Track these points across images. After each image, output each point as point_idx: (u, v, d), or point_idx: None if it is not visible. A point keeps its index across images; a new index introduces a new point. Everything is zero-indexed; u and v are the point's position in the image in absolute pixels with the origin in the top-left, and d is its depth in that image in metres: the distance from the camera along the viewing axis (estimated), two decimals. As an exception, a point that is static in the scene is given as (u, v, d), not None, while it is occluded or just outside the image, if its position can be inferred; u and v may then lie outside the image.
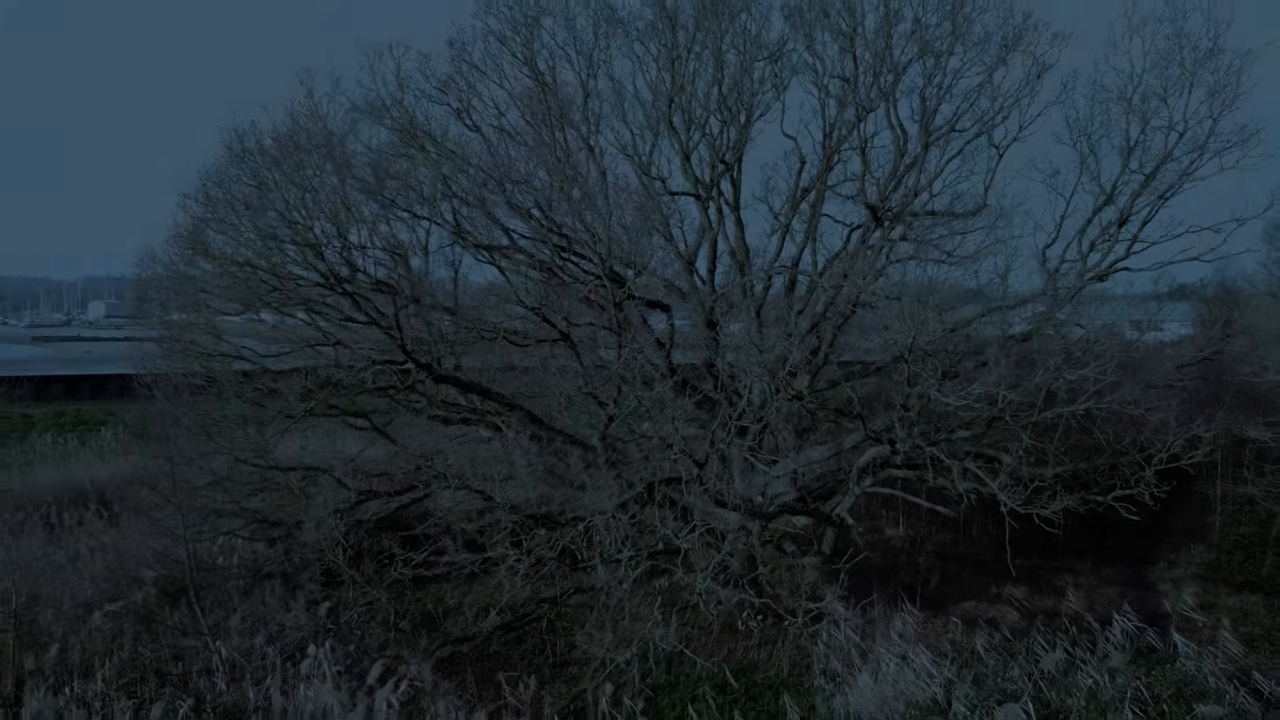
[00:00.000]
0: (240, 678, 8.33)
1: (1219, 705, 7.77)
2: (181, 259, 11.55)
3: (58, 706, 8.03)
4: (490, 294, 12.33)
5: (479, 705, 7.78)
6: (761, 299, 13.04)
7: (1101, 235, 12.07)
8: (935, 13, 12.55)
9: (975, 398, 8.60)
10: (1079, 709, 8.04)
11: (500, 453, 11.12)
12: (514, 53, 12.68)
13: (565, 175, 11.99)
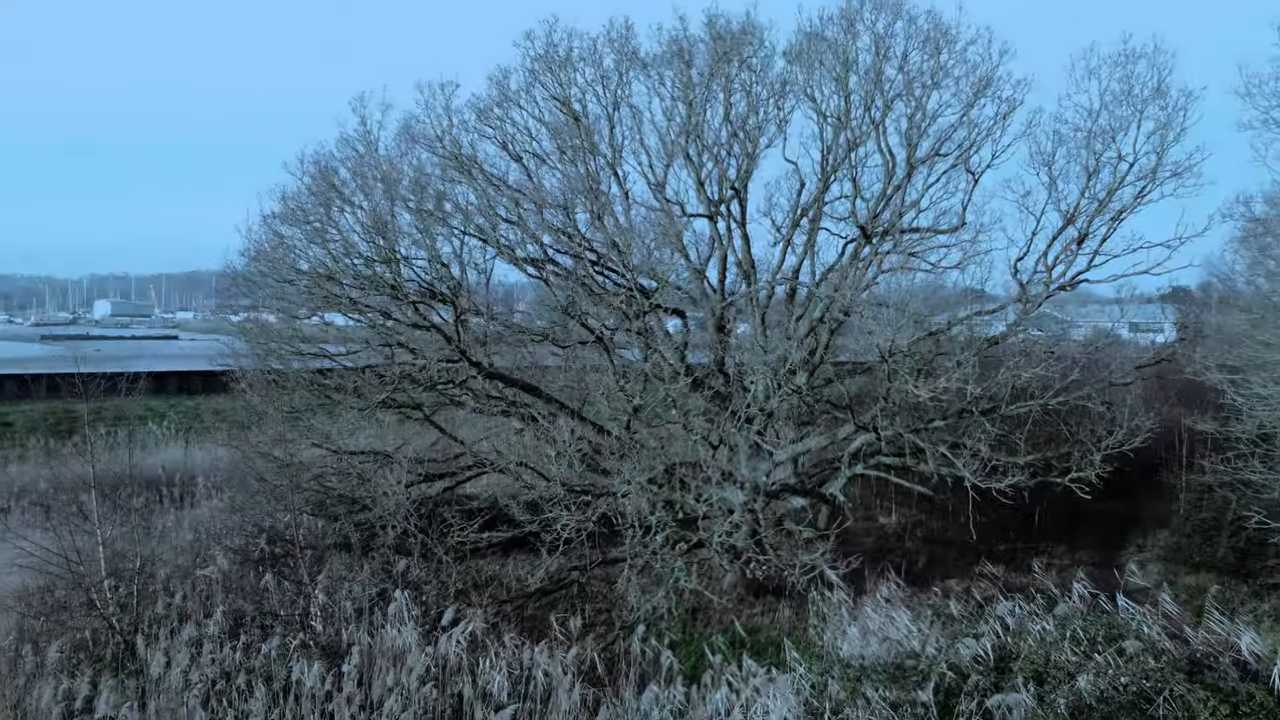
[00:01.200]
0: (333, 623, 10.11)
1: (1139, 641, 9.55)
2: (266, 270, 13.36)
3: (176, 646, 9.80)
4: (538, 303, 14.13)
5: (532, 644, 9.57)
6: (765, 305, 14.83)
7: (1064, 251, 13.88)
8: (918, 55, 14.39)
9: (942, 391, 10.38)
10: (1026, 647, 9.81)
11: (532, 440, 12.95)
12: (548, 89, 14.50)
13: (596, 199, 13.82)
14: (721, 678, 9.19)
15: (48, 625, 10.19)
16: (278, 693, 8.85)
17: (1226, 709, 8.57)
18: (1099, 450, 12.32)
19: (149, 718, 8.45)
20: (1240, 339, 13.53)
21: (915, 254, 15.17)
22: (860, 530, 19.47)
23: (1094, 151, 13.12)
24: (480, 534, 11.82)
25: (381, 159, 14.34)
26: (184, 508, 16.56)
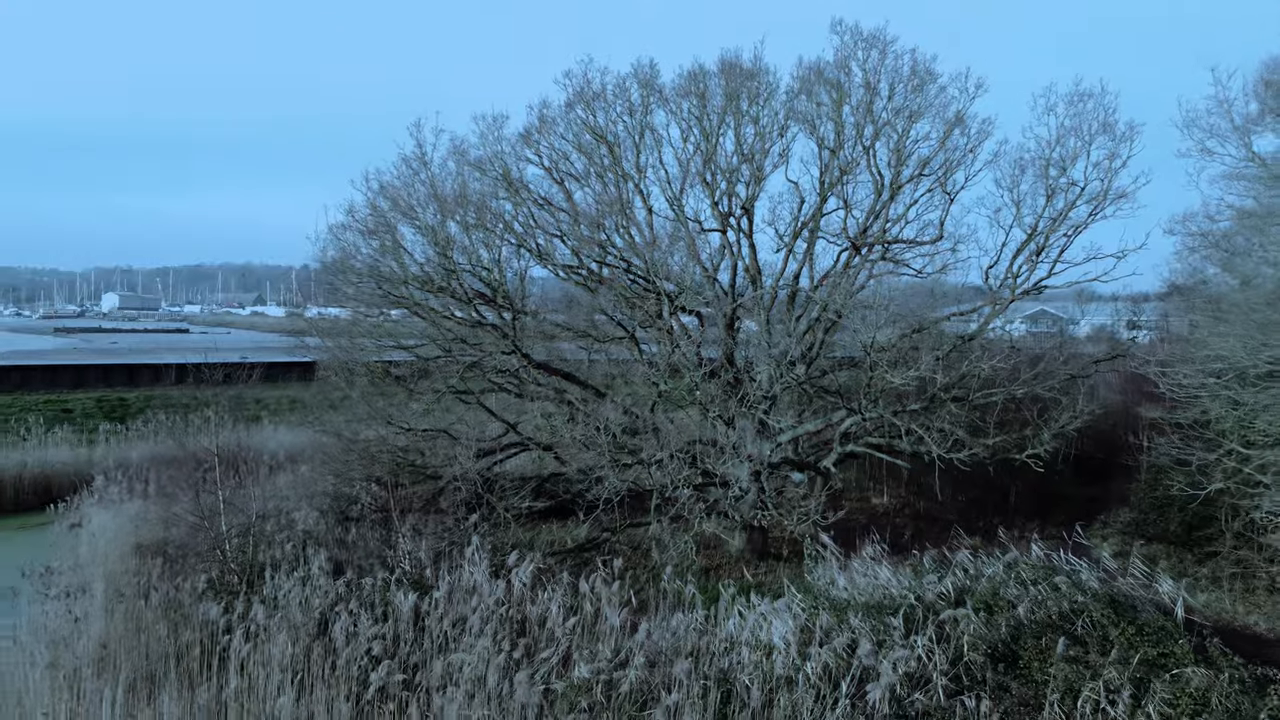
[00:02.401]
0: (417, 566, 12.52)
1: (1068, 579, 11.92)
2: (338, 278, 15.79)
3: (287, 586, 12.20)
4: (564, 302, 16.57)
5: (583, 578, 11.99)
6: (769, 306, 17.23)
7: (1027, 261, 16.28)
8: (903, 88, 16.76)
9: (914, 379, 12.79)
10: (980, 586, 12.18)
11: (563, 423, 15.35)
12: (582, 118, 16.89)
13: (624, 214, 16.24)
14: (734, 608, 11.60)
15: (184, 568, 12.59)
16: (378, 617, 11.26)
17: (1133, 629, 10.99)
18: (1049, 431, 14.72)
19: (273, 636, 10.84)
20: (1179, 337, 15.87)
21: (901, 261, 17.63)
22: (854, 510, 21.88)
23: (1051, 177, 15.55)
24: (533, 501, 14.27)
25: (435, 177, 16.79)
26: (260, 480, 18.98)
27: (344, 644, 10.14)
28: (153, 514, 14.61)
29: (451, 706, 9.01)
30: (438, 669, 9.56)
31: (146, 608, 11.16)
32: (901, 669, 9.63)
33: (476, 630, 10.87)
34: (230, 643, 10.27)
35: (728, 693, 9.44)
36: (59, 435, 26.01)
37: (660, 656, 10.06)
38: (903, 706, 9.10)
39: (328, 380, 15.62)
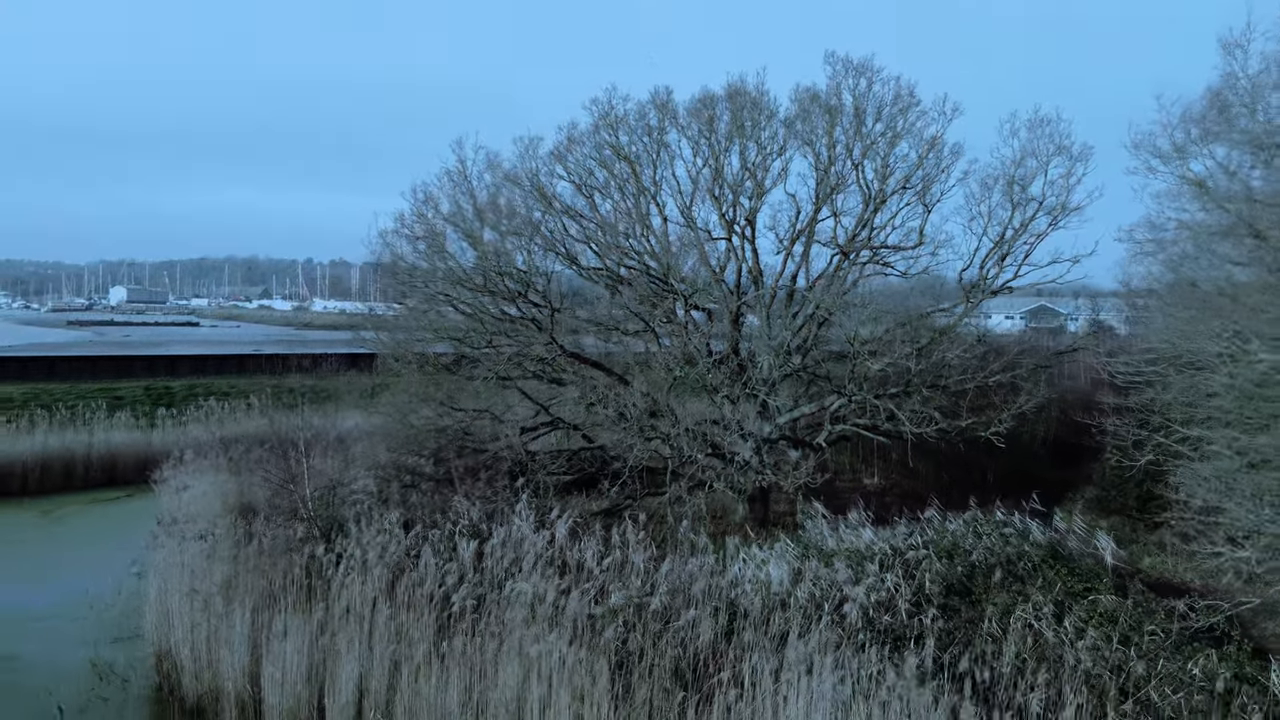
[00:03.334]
0: (474, 519, 15.06)
1: (1015, 530, 14.44)
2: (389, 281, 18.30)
3: (369, 535, 14.74)
4: (596, 301, 19.13)
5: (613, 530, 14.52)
6: (769, 304, 19.71)
7: (995, 265, 18.78)
8: (889, 111, 19.23)
9: (889, 365, 15.32)
10: (945, 539, 14.67)
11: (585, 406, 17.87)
12: (605, 138, 19.38)
13: (642, 222, 18.76)
14: (739, 556, 14.12)
15: (275, 523, 15.12)
16: (446, 559, 13.79)
17: (1065, 570, 13.52)
18: (1009, 413, 17.28)
19: (367, 570, 13.37)
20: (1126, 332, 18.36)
21: (887, 264, 20.17)
22: (846, 488, 24.44)
23: (1015, 193, 18.05)
24: (565, 473, 16.84)
25: (474, 189, 19.32)
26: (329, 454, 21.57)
27: (425, 576, 12.69)
28: (241, 482, 17.19)
29: (516, 618, 11.55)
30: (505, 591, 12.11)
31: (257, 550, 13.71)
32: (873, 596, 12.16)
33: (528, 569, 13.41)
34: (332, 575, 12.84)
35: (733, 612, 11.98)
36: (119, 420, 28.60)
37: (679, 587, 12.60)
38: (872, 621, 11.63)
39: (387, 368, 18.17)
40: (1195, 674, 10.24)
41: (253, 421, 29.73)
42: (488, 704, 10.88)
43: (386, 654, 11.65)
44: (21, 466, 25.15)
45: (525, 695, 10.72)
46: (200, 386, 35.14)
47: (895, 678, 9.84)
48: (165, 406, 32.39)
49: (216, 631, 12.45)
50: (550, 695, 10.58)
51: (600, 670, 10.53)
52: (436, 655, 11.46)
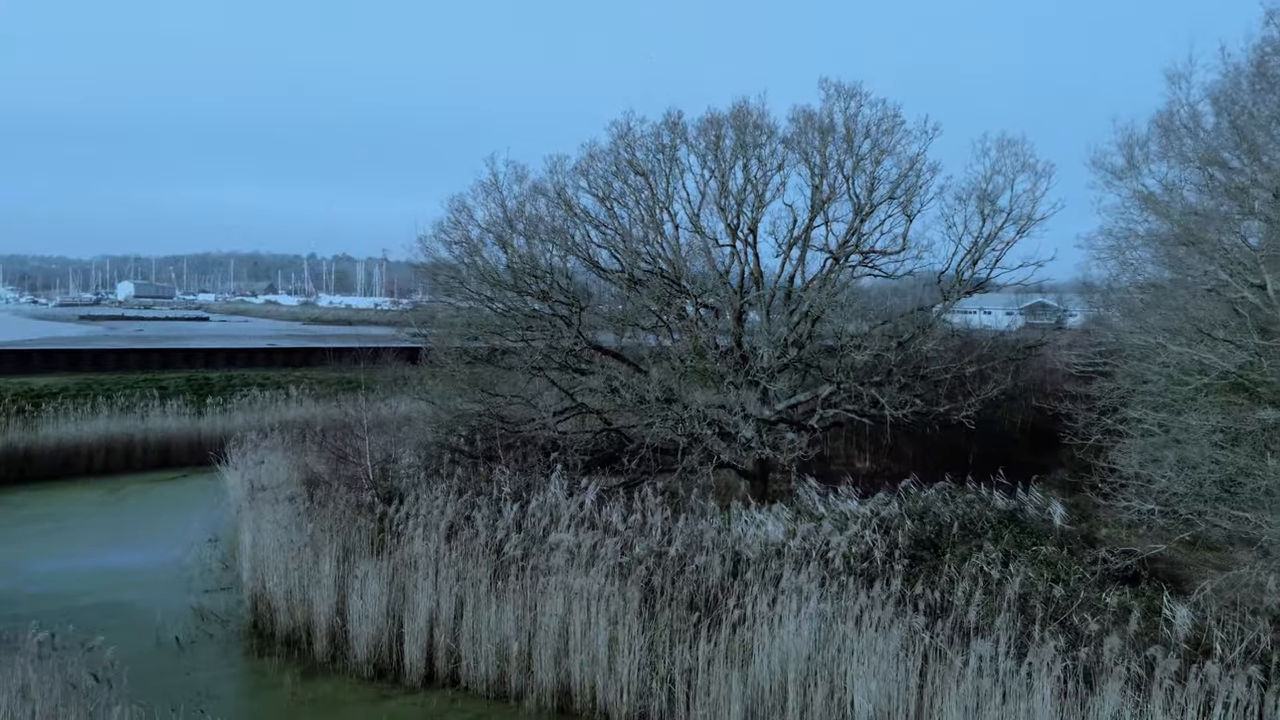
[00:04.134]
0: (515, 488, 17.66)
1: (976, 497, 17.03)
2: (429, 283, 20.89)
3: (425, 500, 17.33)
4: (611, 299, 21.73)
5: (634, 498, 17.10)
6: (769, 302, 22.27)
7: (969, 268, 21.35)
8: (875, 129, 21.79)
9: (870, 355, 17.91)
10: (919, 505, 17.25)
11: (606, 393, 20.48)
12: (623, 154, 21.94)
13: (657, 230, 21.35)
14: (741, 517, 16.71)
15: (340, 491, 17.72)
16: (494, 519, 16.36)
17: (1017, 529, 16.12)
18: (976, 399, 19.90)
19: (430, 525, 15.94)
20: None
21: (875, 266, 22.76)
22: (839, 470, 27.02)
23: (984, 205, 20.64)
24: (589, 453, 19.45)
25: (505, 198, 21.91)
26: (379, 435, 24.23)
27: (479, 530, 15.30)
28: (306, 458, 19.80)
29: (558, 563, 14.16)
30: (547, 541, 14.72)
31: (333, 512, 16.32)
32: (854, 548, 14.76)
33: (563, 526, 16.01)
34: (401, 530, 15.45)
35: (737, 559, 14.58)
36: (170, 408, 31.21)
37: (692, 540, 15.19)
38: (851, 565, 14.22)
39: (432, 359, 20.79)
40: (1108, 602, 12.84)
41: (291, 410, 32.38)
42: (538, 628, 13.49)
43: (451, 592, 14.25)
44: (88, 449, 27.76)
45: (569, 620, 13.33)
46: (236, 377, 37.73)
47: (866, 599, 12.44)
48: (206, 396, 35.00)
49: (307, 576, 15.07)
50: (590, 619, 13.19)
51: (631, 598, 13.14)
52: (493, 592, 14.07)
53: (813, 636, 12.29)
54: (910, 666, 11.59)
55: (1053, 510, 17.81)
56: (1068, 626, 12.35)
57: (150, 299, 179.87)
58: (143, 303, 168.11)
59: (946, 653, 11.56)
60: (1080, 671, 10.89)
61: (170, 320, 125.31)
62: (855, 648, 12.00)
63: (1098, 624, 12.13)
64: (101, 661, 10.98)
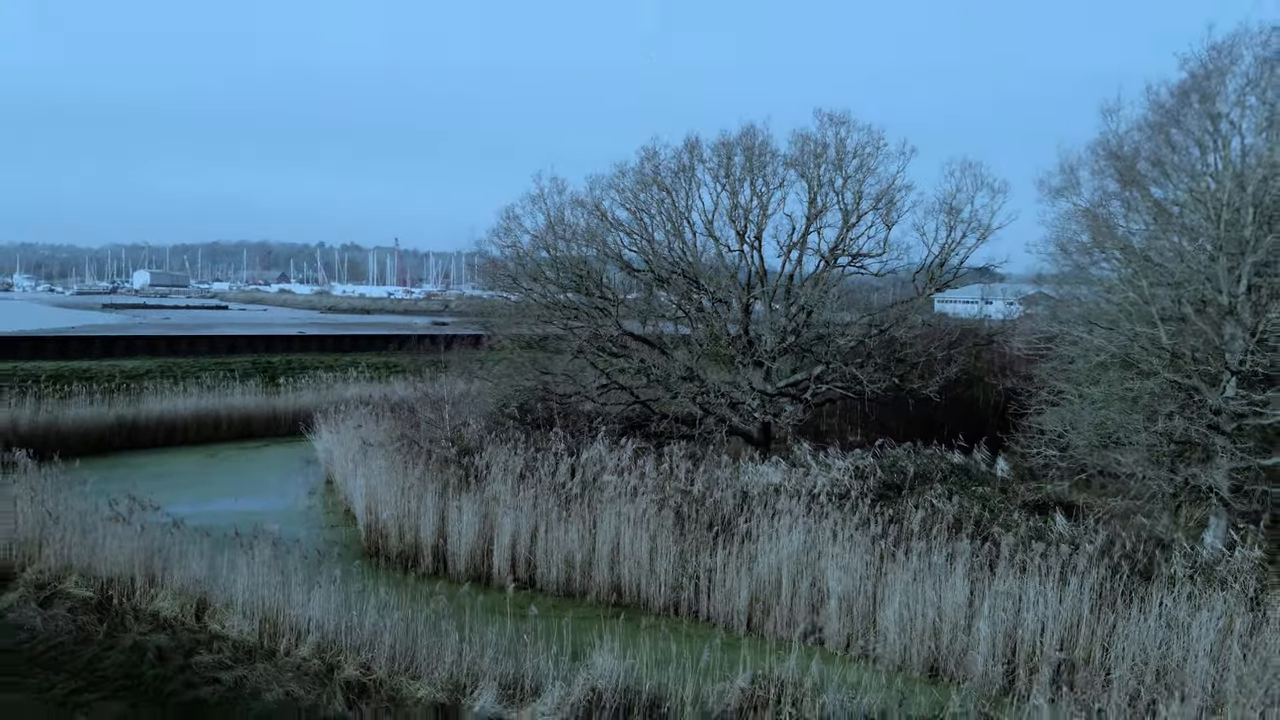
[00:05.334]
0: (568, 445, 22.43)
1: (937, 454, 21.76)
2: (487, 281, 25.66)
3: (499, 454, 22.11)
4: (646, 295, 26.52)
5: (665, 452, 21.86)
6: (771, 296, 26.99)
7: (939, 269, 26.03)
8: (860, 155, 26.45)
9: (856, 341, 22.65)
10: (889, 459, 21.97)
11: (635, 372, 25.29)
12: (648, 172, 26.63)
13: (679, 237, 26.06)
14: (748, 469, 21.45)
15: (423, 451, 22.49)
16: (566, 468, 21.12)
17: (964, 476, 20.85)
18: (939, 379, 24.65)
19: (505, 467, 20.67)
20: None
21: (862, 266, 27.48)
22: (830, 441, 31.77)
23: (950, 217, 25.33)
24: (623, 421, 24.21)
25: (549, 207, 26.66)
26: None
27: (544, 475, 20.09)
28: (394, 424, 24.63)
29: (608, 496, 18.93)
30: (598, 482, 19.50)
31: (428, 461, 21.12)
32: (836, 489, 19.50)
33: (610, 471, 20.77)
34: (483, 475, 20.26)
35: (745, 494, 19.33)
36: (246, 387, 36.06)
37: (711, 483, 19.94)
38: (831, 499, 18.96)
39: (494, 344, 25.58)
40: (1016, 520, 17.59)
41: (349, 389, 37.16)
42: (595, 542, 18.29)
43: (527, 519, 19.05)
44: (183, 421, 32.59)
45: (619, 537, 18.12)
46: (294, 361, 42.58)
47: (840, 519, 17.21)
48: (276, 377, 39.86)
49: (414, 509, 19.88)
50: (635, 536, 17.97)
51: (666, 520, 17.92)
52: (560, 519, 18.86)
53: (800, 545, 17.04)
54: (869, 561, 16.34)
55: (998, 465, 22.55)
56: (986, 537, 17.09)
57: (166, 288, 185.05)
58: (159, 291, 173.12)
59: (895, 553, 16.31)
60: (986, 562, 15.64)
61: (191, 309, 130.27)
62: (831, 551, 16.75)
63: (1003, 532, 16.87)
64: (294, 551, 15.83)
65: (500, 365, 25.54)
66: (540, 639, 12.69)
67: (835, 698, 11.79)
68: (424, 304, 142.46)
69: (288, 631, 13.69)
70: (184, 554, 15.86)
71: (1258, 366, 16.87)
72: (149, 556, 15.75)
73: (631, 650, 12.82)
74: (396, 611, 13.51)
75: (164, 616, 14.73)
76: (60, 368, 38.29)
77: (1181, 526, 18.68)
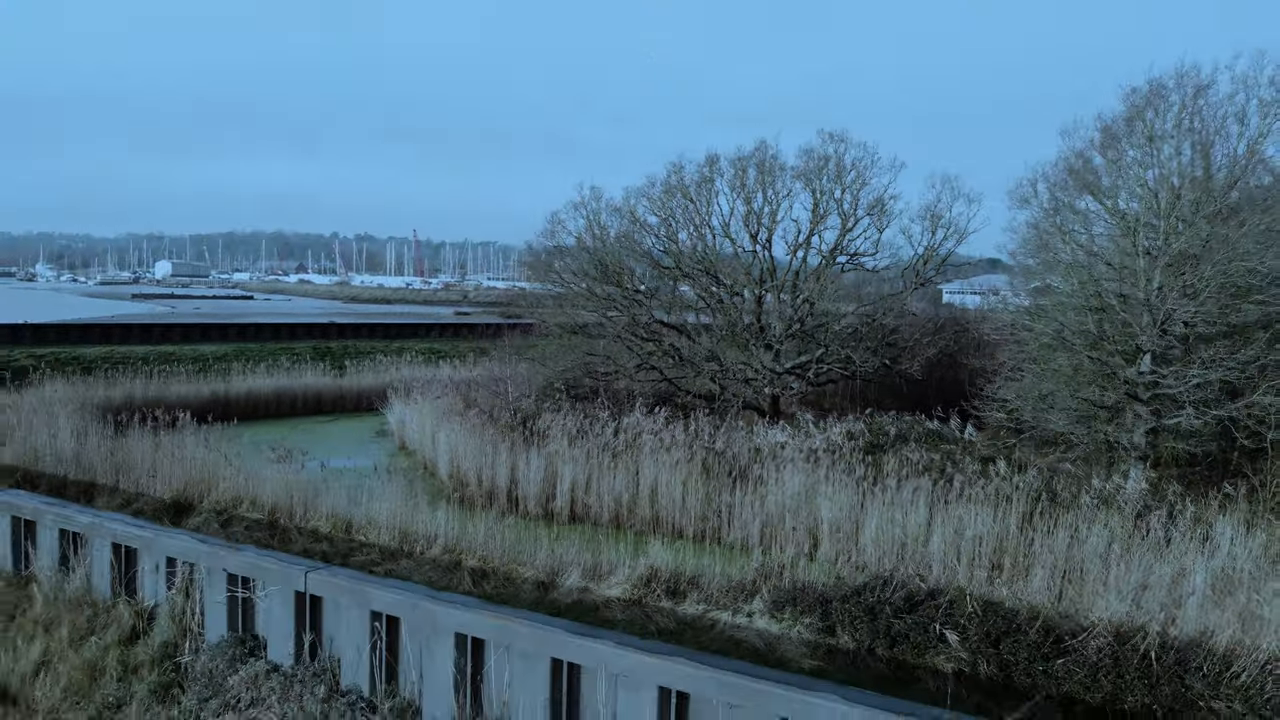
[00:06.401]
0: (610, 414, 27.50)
1: (914, 420, 26.69)
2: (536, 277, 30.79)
3: (555, 420, 27.18)
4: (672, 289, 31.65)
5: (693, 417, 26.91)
6: (780, 290, 31.99)
7: (924, 266, 30.97)
8: (856, 168, 31.41)
9: (850, 326, 27.64)
10: (876, 425, 26.92)
11: (662, 356, 30.36)
12: (674, 182, 31.62)
13: (701, 239, 31.08)
14: (759, 432, 26.48)
15: (498, 414, 27.60)
16: (611, 430, 26.19)
17: (936, 437, 25.84)
18: (919, 359, 29.69)
19: (550, 444, 25.73)
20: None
21: (859, 264, 32.50)
22: (831, 415, 36.90)
23: (932, 223, 30.25)
24: (655, 396, 29.29)
25: (589, 212, 31.76)
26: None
27: (594, 434, 25.19)
28: (458, 399, 29.79)
29: (646, 449, 24.02)
30: (639, 440, 24.61)
31: (498, 425, 26.26)
32: (831, 446, 24.53)
33: (648, 432, 25.85)
34: (546, 434, 25.39)
35: (757, 450, 24.38)
36: (314, 370, 41.29)
37: (730, 442, 24.99)
38: (827, 453, 23.97)
39: (544, 331, 30.70)
40: (972, 468, 22.59)
41: (403, 371, 42.35)
42: (638, 486, 23.40)
43: (582, 469, 24.16)
44: (265, 398, 37.87)
45: (657, 481, 23.22)
46: (350, 347, 47.80)
47: (831, 467, 22.27)
48: (340, 360, 45.04)
49: (489, 462, 25.03)
50: (670, 480, 23.07)
51: (694, 467, 23.01)
52: (608, 468, 23.96)
53: (800, 486, 22.09)
54: (853, 498, 21.38)
55: (967, 429, 27.56)
56: (943, 477, 22.09)
57: (187, 278, 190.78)
58: (180, 281, 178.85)
59: (874, 490, 21.34)
60: (942, 496, 20.67)
61: (218, 299, 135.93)
62: (824, 490, 21.79)
63: (956, 472, 21.87)
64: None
65: (550, 348, 30.65)
66: (606, 544, 17.78)
67: (820, 576, 16.88)
68: (442, 294, 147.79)
69: (420, 539, 18.83)
70: (328, 489, 21.05)
71: (1157, 347, 21.89)
72: (302, 490, 20.94)
73: (673, 553, 17.92)
74: (499, 525, 18.64)
75: (321, 532, 19.90)
76: (151, 352, 43.64)
77: (1110, 476, 23.69)
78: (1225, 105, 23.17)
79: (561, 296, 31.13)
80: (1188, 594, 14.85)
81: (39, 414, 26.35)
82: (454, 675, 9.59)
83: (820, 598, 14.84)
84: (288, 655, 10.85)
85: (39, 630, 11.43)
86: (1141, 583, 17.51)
